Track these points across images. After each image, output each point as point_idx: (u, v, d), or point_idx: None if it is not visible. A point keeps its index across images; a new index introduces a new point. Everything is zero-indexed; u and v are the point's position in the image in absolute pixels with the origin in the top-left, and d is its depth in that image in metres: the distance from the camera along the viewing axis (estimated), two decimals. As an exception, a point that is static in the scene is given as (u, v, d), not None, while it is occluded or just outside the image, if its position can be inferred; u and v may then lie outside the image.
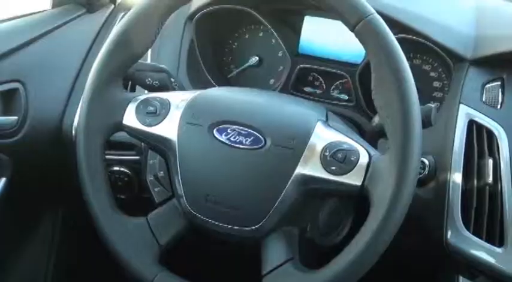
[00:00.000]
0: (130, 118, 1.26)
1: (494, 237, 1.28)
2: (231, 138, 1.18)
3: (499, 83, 1.39)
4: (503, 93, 1.38)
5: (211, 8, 1.63)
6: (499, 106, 1.37)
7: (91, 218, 1.23)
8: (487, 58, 1.42)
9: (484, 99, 1.38)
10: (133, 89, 1.55)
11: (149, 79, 1.36)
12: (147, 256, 1.21)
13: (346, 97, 1.62)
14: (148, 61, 1.61)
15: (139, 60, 1.31)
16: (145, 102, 1.26)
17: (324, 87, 1.65)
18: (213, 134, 1.19)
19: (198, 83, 1.62)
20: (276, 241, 1.17)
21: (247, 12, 1.62)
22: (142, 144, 1.48)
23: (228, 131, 1.18)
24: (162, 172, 1.36)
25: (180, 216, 1.24)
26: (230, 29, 1.74)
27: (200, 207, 1.19)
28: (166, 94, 1.28)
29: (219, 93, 1.29)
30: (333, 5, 1.12)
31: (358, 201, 1.20)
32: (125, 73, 1.29)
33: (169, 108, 1.24)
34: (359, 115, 1.55)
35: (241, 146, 1.17)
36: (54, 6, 1.76)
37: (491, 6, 1.62)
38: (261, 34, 1.72)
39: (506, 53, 1.39)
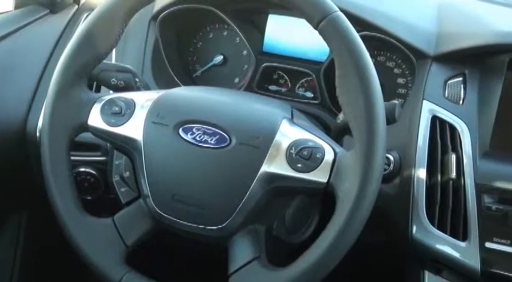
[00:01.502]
0: (96, 119, 1.25)
1: (458, 232, 1.29)
2: (197, 138, 1.18)
3: (460, 78, 1.40)
4: (465, 88, 1.39)
5: (175, 7, 1.63)
6: (461, 102, 1.38)
7: (57, 219, 1.23)
8: (449, 54, 1.43)
9: (446, 95, 1.39)
10: (98, 90, 1.54)
11: (114, 79, 1.36)
12: (114, 257, 1.21)
13: (311, 95, 1.62)
14: (113, 61, 1.61)
15: (104, 61, 1.30)
16: (110, 102, 1.25)
17: (289, 85, 1.65)
18: (179, 134, 1.19)
19: (163, 82, 1.62)
20: (242, 239, 1.17)
21: (211, 12, 1.62)
22: (108, 144, 1.48)
23: (194, 130, 1.18)
24: (128, 172, 1.35)
25: (147, 216, 1.23)
26: (194, 29, 1.74)
27: (166, 207, 1.19)
28: (132, 94, 1.28)
29: (184, 92, 1.29)
30: (296, 3, 1.13)
31: (324, 198, 1.21)
32: (90, 73, 1.29)
33: (135, 108, 1.24)
34: (324, 112, 1.56)
35: (206, 145, 1.17)
36: (16, 7, 1.75)
37: (452, 3, 1.64)
38: (225, 33, 1.72)
39: (467, 49, 1.40)
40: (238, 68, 1.71)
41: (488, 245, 1.26)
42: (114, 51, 1.46)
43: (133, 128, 1.22)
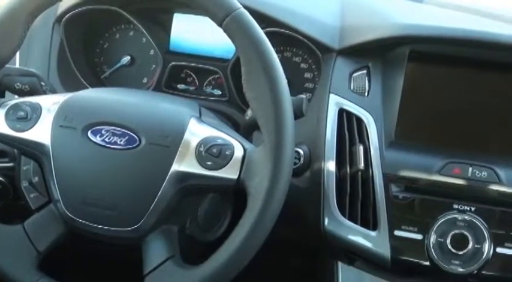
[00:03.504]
0: (0, 124, 1.23)
1: (369, 221, 1.32)
2: (106, 139, 1.17)
3: (365, 71, 1.42)
4: (369, 81, 1.41)
5: (79, 9, 1.61)
6: (366, 94, 1.40)
7: None
8: (352, 48, 1.45)
9: (352, 88, 1.41)
10: (2, 95, 1.51)
11: (18, 84, 1.33)
12: (26, 263, 1.19)
13: (220, 92, 1.63)
14: (17, 65, 1.58)
15: (7, 65, 1.28)
16: (15, 107, 1.23)
17: (197, 83, 1.65)
18: (88, 136, 1.18)
19: (70, 85, 1.59)
20: (155, 240, 1.17)
21: (117, 12, 1.61)
22: (15, 150, 1.45)
23: (103, 132, 1.18)
24: (37, 178, 1.33)
25: (58, 221, 1.22)
26: (100, 30, 1.72)
27: (78, 211, 1.18)
28: (37, 98, 1.26)
29: (91, 94, 1.28)
30: (200, 1, 1.14)
31: (237, 195, 1.21)
32: (-8, 79, 1.27)
33: (41, 112, 1.22)
34: (233, 109, 1.56)
35: (116, 147, 1.17)
36: None
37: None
38: (131, 33, 1.71)
39: (369, 42, 1.43)
40: (146, 68, 1.70)
41: (397, 233, 1.29)
42: (17, 55, 1.43)
43: (41, 133, 1.21)
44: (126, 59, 1.69)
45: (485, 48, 1.38)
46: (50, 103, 1.24)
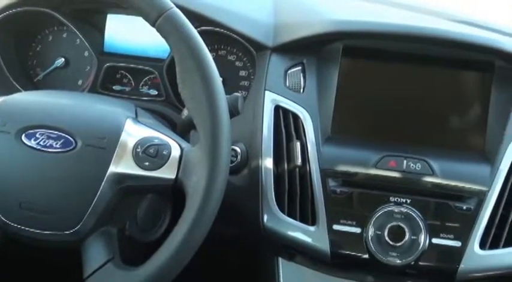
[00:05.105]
0: None
1: (307, 217, 1.33)
2: (41, 143, 1.16)
3: (299, 68, 1.43)
4: (304, 77, 1.43)
5: (10, 11, 1.58)
6: (301, 90, 1.42)
7: None
8: (286, 45, 1.46)
9: (287, 85, 1.42)
10: None
11: None
12: None
13: (156, 92, 1.62)
14: None
15: None
16: None
17: (133, 84, 1.64)
18: (22, 140, 1.17)
19: (3, 89, 1.57)
20: (95, 243, 1.16)
21: (48, 14, 1.59)
22: None
23: (37, 135, 1.16)
24: None
25: None
26: (32, 32, 1.70)
27: (14, 216, 1.16)
28: None
29: (25, 97, 1.26)
30: (132, 2, 1.13)
31: (175, 195, 1.21)
32: None
33: None
34: (169, 109, 1.56)
35: (52, 150, 1.15)
36: None
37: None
38: (64, 35, 1.69)
39: (303, 39, 1.44)
40: (80, 70, 1.69)
41: (335, 227, 1.31)
42: None
43: None
44: (60, 61, 1.67)
45: (416, 43, 1.41)
46: None
